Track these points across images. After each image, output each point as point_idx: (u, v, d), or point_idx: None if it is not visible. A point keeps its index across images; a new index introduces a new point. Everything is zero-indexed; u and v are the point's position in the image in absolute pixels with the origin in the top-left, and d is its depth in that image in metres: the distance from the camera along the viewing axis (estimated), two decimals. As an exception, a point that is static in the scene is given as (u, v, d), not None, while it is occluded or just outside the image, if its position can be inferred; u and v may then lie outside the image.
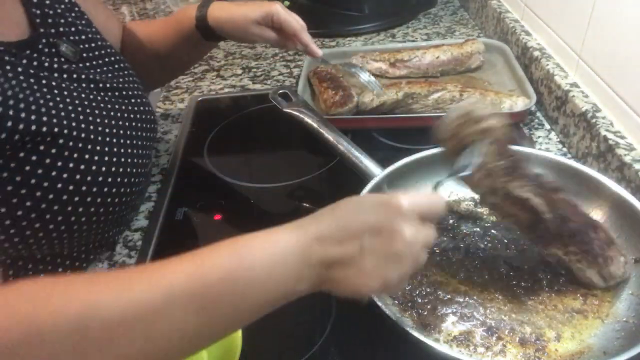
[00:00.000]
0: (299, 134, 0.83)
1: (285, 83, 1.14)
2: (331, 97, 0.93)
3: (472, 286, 0.62)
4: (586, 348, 0.55)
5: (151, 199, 0.85)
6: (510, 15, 1.13)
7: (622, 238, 0.64)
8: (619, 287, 0.60)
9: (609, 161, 0.74)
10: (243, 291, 0.42)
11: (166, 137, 1.00)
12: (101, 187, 0.65)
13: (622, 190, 0.65)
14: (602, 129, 0.76)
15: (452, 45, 1.06)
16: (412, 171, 0.73)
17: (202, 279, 0.40)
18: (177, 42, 0.86)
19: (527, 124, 0.93)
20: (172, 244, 0.76)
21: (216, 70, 1.21)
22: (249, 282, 0.42)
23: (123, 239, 0.78)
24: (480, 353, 0.55)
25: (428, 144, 0.73)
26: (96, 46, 0.74)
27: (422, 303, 0.60)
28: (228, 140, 0.99)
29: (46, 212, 0.61)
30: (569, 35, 0.90)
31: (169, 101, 1.11)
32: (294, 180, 0.87)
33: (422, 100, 0.90)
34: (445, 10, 1.42)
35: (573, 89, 0.85)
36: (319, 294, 0.65)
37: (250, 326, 0.57)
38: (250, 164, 0.97)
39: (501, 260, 0.65)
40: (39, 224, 0.62)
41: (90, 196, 0.64)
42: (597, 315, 0.58)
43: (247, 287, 0.42)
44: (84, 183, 0.63)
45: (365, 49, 1.14)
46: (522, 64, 1.01)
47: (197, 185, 0.91)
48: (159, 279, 0.40)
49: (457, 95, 0.90)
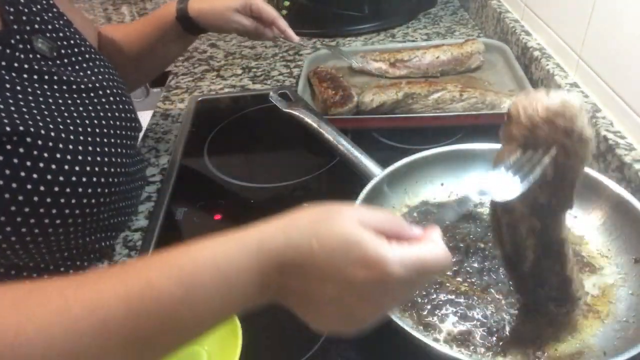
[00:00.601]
0: (299, 134, 0.83)
1: (285, 83, 1.14)
2: (331, 97, 0.93)
3: (472, 286, 0.62)
4: (586, 348, 0.55)
5: (151, 199, 0.85)
6: (510, 15, 1.13)
7: (622, 238, 0.64)
8: (619, 287, 0.60)
9: (609, 161, 0.74)
10: (187, 317, 0.37)
11: (166, 137, 1.00)
12: (75, 187, 0.63)
13: (622, 190, 0.65)
14: (602, 129, 0.76)
15: (452, 45, 1.06)
16: (412, 171, 0.73)
17: (139, 310, 0.36)
18: (156, 38, 0.88)
19: (527, 124, 0.93)
20: (172, 244, 0.76)
21: (216, 70, 1.21)
22: (192, 307, 0.37)
23: (123, 239, 0.78)
24: (480, 353, 0.55)
25: (428, 144, 0.73)
26: (75, 44, 0.73)
27: (422, 303, 0.60)
28: (228, 140, 1.00)
29: (16, 215, 0.58)
30: (569, 35, 0.90)
31: (169, 101, 1.11)
32: (294, 180, 0.87)
33: (422, 101, 0.90)
34: (445, 10, 1.42)
35: (573, 89, 0.85)
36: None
37: (250, 326, 0.58)
38: (250, 164, 0.97)
39: (501, 260, 0.65)
40: (9, 227, 0.59)
41: (63, 197, 0.61)
42: (597, 315, 0.58)
43: (191, 311, 0.37)
44: (56, 183, 0.60)
45: (365, 49, 1.14)
46: (522, 64, 1.01)
47: (197, 185, 0.91)
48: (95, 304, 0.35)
49: (457, 96, 0.90)
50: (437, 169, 0.75)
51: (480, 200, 0.73)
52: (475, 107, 0.90)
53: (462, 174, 0.75)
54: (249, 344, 0.56)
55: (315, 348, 0.60)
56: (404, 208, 0.73)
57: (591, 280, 0.62)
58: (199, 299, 0.37)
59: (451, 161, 0.75)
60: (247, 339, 0.56)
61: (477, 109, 0.90)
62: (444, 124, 0.91)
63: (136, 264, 0.40)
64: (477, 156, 0.75)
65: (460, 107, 0.90)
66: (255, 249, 0.38)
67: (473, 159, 0.75)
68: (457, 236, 0.68)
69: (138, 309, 0.36)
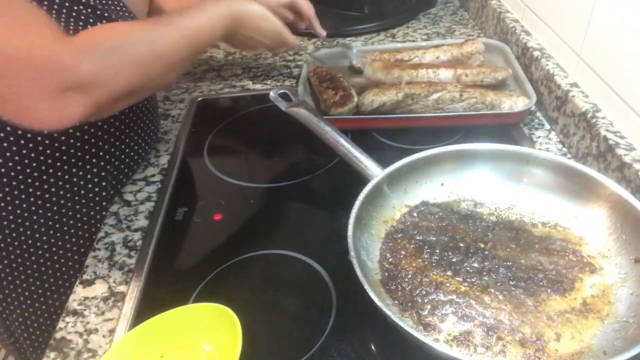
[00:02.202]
0: (299, 134, 0.83)
1: (285, 83, 1.14)
2: (331, 97, 0.93)
3: (472, 286, 0.62)
4: (586, 348, 0.55)
5: (151, 199, 0.85)
6: (510, 15, 1.13)
7: (622, 238, 0.64)
8: (619, 287, 0.61)
9: (609, 161, 0.74)
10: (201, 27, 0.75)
11: (166, 137, 1.00)
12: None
13: (622, 190, 0.65)
14: (602, 129, 0.76)
15: (452, 45, 1.06)
16: (412, 171, 0.74)
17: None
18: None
19: (527, 124, 0.93)
20: (172, 244, 0.77)
21: (216, 70, 1.21)
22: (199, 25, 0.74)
23: (123, 238, 0.78)
24: (480, 353, 0.55)
25: (428, 144, 0.73)
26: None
27: (422, 303, 0.60)
28: (228, 140, 1.00)
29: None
30: (569, 35, 0.90)
31: (169, 101, 1.11)
32: (294, 180, 0.87)
33: (422, 101, 0.90)
34: (445, 10, 1.42)
35: (573, 89, 0.85)
36: (319, 294, 0.66)
37: (250, 326, 0.58)
38: (250, 164, 0.97)
39: (501, 260, 0.65)
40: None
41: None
42: (597, 315, 0.58)
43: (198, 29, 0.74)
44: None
45: (365, 49, 1.14)
46: (522, 64, 1.01)
47: (197, 185, 0.91)
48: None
49: (457, 96, 0.90)
50: (437, 169, 0.75)
51: (480, 200, 0.74)
52: (475, 107, 0.90)
53: (462, 174, 0.75)
54: (249, 344, 0.56)
55: (315, 348, 0.60)
56: (404, 208, 0.73)
57: (591, 280, 0.62)
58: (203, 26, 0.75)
59: (451, 161, 0.75)
60: (247, 339, 0.56)
61: (477, 109, 0.90)
62: (444, 124, 0.91)
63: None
64: (477, 156, 0.75)
65: (460, 107, 0.90)
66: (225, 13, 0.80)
67: (473, 159, 0.75)
68: (457, 236, 0.68)
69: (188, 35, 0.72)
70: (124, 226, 0.80)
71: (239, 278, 0.71)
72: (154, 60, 0.66)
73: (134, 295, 0.69)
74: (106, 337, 0.64)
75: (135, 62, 0.64)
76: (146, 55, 0.65)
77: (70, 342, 0.64)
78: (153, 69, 0.67)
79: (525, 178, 0.74)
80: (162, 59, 0.67)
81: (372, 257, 0.66)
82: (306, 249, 0.72)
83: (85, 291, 0.71)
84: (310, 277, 0.69)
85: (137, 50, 0.64)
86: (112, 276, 0.72)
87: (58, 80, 0.56)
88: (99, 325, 0.66)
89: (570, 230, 0.69)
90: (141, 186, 0.88)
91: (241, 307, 0.59)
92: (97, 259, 0.75)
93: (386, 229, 0.70)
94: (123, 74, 0.62)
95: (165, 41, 0.68)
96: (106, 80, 0.60)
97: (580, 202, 0.69)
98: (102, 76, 0.59)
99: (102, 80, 0.59)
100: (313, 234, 0.77)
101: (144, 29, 0.68)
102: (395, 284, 0.63)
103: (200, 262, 0.74)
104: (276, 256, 0.73)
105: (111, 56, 0.61)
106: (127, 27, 0.68)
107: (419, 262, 0.65)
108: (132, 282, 0.71)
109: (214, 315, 0.59)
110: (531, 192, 0.73)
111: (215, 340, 0.59)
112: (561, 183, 0.71)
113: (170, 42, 0.68)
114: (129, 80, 0.63)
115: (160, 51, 0.67)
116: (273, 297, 0.68)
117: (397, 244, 0.68)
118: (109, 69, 0.60)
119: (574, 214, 0.69)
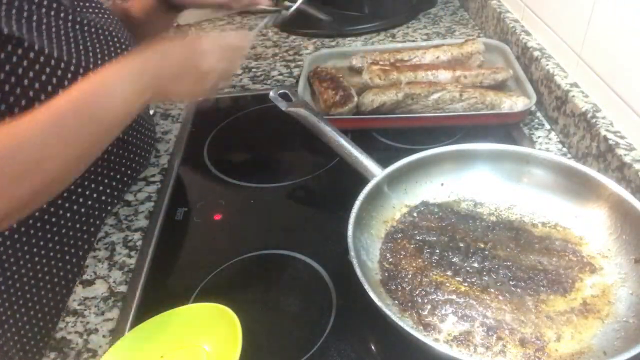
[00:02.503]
0: (299, 134, 0.83)
1: (285, 83, 1.14)
2: (331, 97, 0.93)
3: (472, 286, 0.62)
4: (586, 348, 0.55)
5: (151, 199, 0.85)
6: (510, 15, 1.13)
7: (622, 238, 0.64)
8: (619, 287, 0.61)
9: (609, 161, 0.74)
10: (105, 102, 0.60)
11: (166, 137, 1.00)
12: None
13: (622, 190, 0.65)
14: (602, 129, 0.76)
15: (452, 45, 1.06)
16: (412, 171, 0.74)
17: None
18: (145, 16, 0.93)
19: (527, 124, 0.93)
20: (172, 244, 0.77)
21: (216, 70, 1.21)
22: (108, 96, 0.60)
23: (123, 238, 0.78)
24: (480, 353, 0.55)
25: (428, 143, 0.73)
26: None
27: (422, 303, 0.60)
28: (228, 140, 1.00)
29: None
30: (569, 35, 0.90)
31: (169, 101, 1.11)
32: (294, 180, 0.87)
33: (422, 101, 0.90)
34: (445, 10, 1.42)
35: (573, 89, 0.85)
36: (319, 294, 0.66)
37: (250, 326, 0.58)
38: (250, 164, 0.97)
39: (501, 260, 0.65)
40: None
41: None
42: (597, 315, 0.58)
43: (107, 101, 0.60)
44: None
45: (365, 49, 1.14)
46: (522, 64, 1.01)
47: (197, 185, 0.91)
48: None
49: (457, 96, 0.90)
50: (437, 169, 0.75)
51: (480, 200, 0.74)
52: (475, 107, 0.90)
53: (462, 174, 0.75)
54: (249, 344, 0.56)
55: (315, 348, 0.60)
56: (404, 208, 0.73)
57: (591, 280, 0.62)
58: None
59: (451, 161, 0.75)
60: (247, 339, 0.56)
61: (477, 109, 0.90)
62: (444, 123, 0.91)
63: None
64: (477, 156, 0.75)
65: (460, 107, 0.90)
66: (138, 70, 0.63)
67: (473, 159, 0.75)
68: (457, 236, 0.68)
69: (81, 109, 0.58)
70: (124, 226, 0.80)
71: (239, 278, 0.71)
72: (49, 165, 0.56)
73: (134, 295, 0.69)
74: (106, 337, 0.64)
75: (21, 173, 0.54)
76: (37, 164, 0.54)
77: (70, 342, 0.64)
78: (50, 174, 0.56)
79: (525, 178, 0.74)
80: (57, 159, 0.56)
81: (372, 257, 0.66)
82: (306, 249, 0.72)
83: (85, 291, 0.71)
84: (310, 277, 0.69)
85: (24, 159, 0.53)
86: (112, 276, 0.72)
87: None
88: (99, 325, 0.66)
89: (570, 230, 0.69)
90: (141, 186, 0.88)
91: (241, 307, 0.59)
92: (97, 259, 0.75)
93: (386, 229, 0.70)
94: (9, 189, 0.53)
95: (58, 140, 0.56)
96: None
97: (580, 202, 0.69)
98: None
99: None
100: (313, 234, 0.77)
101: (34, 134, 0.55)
102: (395, 284, 0.63)
103: (200, 262, 0.74)
104: (276, 256, 0.73)
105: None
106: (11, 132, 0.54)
107: (419, 262, 0.65)
108: (132, 282, 0.71)
109: (214, 315, 0.59)
110: (531, 192, 0.73)
111: (215, 340, 0.59)
112: (561, 183, 0.71)
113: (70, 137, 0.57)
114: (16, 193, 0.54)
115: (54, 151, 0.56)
116: (273, 297, 0.68)
117: (397, 244, 0.68)
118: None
119: (574, 214, 0.69)
